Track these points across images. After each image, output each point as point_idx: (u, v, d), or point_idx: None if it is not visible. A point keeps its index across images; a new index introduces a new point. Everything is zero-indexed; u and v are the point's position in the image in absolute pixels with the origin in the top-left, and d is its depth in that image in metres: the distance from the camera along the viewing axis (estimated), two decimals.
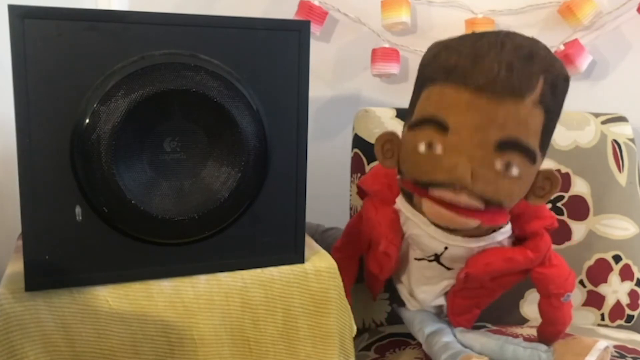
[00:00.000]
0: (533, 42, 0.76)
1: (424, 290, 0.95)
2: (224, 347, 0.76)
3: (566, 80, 0.78)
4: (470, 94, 0.73)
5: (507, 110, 0.73)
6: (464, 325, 0.97)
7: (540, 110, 0.75)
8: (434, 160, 0.77)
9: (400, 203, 0.88)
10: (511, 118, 0.73)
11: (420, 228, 0.86)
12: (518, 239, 0.89)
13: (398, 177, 0.87)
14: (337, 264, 0.83)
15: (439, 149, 0.76)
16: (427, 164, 0.78)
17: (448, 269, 0.90)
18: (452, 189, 0.75)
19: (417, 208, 0.85)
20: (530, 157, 0.76)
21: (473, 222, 0.78)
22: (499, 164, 0.75)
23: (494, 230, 0.85)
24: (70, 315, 0.69)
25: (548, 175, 0.80)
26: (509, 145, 0.74)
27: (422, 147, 0.77)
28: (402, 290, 1.00)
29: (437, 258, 0.89)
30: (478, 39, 0.76)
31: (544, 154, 0.81)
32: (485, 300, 0.96)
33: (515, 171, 0.76)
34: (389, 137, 0.84)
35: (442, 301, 0.96)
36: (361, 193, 0.95)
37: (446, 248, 0.86)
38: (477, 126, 0.74)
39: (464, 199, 0.75)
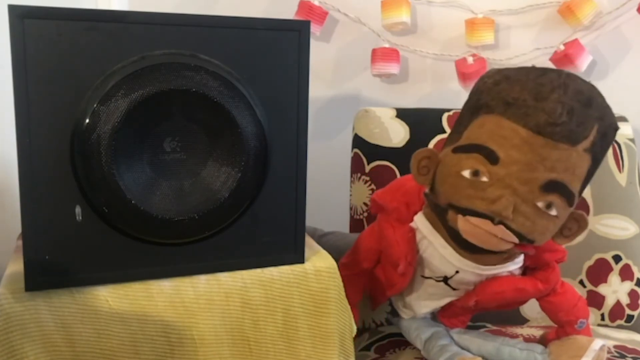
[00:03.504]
0: (592, 88, 0.77)
1: (425, 305, 0.94)
2: (224, 347, 0.76)
3: (615, 129, 0.79)
4: (528, 132, 0.73)
5: (560, 155, 0.74)
6: (458, 325, 0.97)
7: (588, 157, 0.76)
8: (478, 188, 0.76)
9: (419, 221, 0.87)
10: (562, 162, 0.74)
11: (435, 249, 0.86)
12: (526, 268, 0.90)
13: (426, 192, 0.85)
14: (345, 280, 0.82)
15: (484, 178, 0.76)
16: (469, 189, 0.77)
17: (453, 289, 0.90)
18: (490, 220, 0.75)
19: (439, 227, 0.84)
20: (571, 200, 0.77)
21: (506, 245, 0.78)
22: (540, 203, 0.75)
23: (509, 260, 0.85)
24: (70, 315, 0.69)
25: (577, 217, 0.81)
26: (555, 188, 0.75)
27: (466, 173, 0.77)
28: (396, 302, 1.00)
29: (445, 280, 0.89)
30: (540, 74, 0.76)
31: (580, 197, 0.81)
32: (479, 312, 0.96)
33: (554, 212, 0.76)
34: (427, 154, 0.83)
35: (437, 308, 0.96)
36: (375, 207, 0.94)
37: (457, 272, 0.86)
38: (528, 164, 0.74)
39: (500, 232, 0.75)
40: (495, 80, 0.78)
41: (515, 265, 0.87)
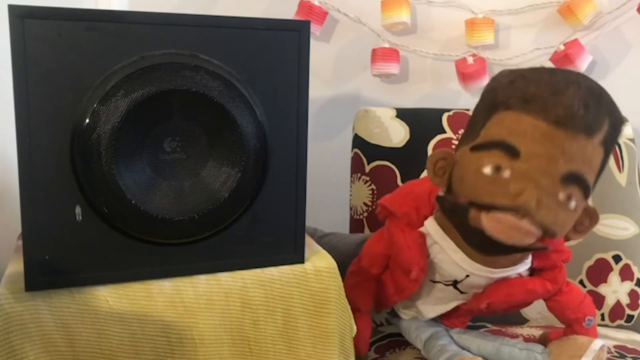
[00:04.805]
0: (600, 86, 0.79)
1: (433, 309, 0.94)
2: (224, 347, 0.76)
3: (622, 123, 0.81)
4: (548, 125, 0.74)
5: (579, 146, 0.75)
6: (458, 325, 0.97)
7: (601, 150, 0.78)
8: (500, 183, 0.76)
9: (430, 227, 0.87)
10: (580, 154, 0.75)
11: (445, 254, 0.86)
12: (533, 269, 0.90)
13: (440, 195, 0.85)
14: (355, 288, 0.81)
15: (506, 173, 0.76)
16: (491, 185, 0.77)
17: (462, 292, 0.90)
18: (515, 213, 0.75)
19: (451, 232, 0.84)
20: (587, 193, 0.78)
21: (530, 239, 0.78)
22: (562, 195, 0.76)
23: (520, 262, 0.85)
24: (70, 315, 0.69)
25: (589, 212, 0.81)
26: (574, 179, 0.76)
27: (488, 170, 0.77)
28: (397, 304, 1.00)
29: (454, 283, 0.89)
30: (553, 74, 0.78)
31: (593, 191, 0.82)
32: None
33: (573, 204, 0.77)
34: (443, 156, 0.83)
35: (444, 312, 0.96)
36: (383, 212, 0.93)
37: (467, 276, 0.86)
38: (549, 156, 0.74)
39: (525, 225, 0.75)
40: (510, 79, 0.79)
41: (524, 266, 0.87)
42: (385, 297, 0.96)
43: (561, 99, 0.74)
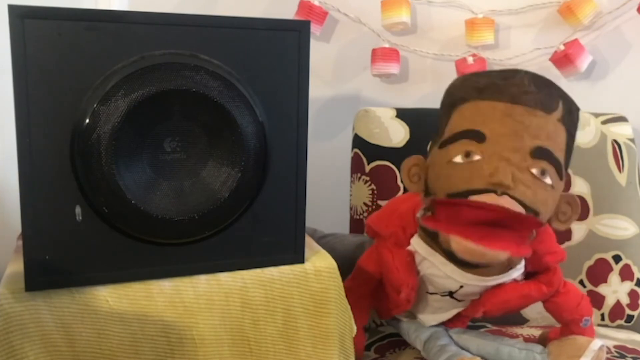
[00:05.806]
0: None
1: (434, 318, 0.94)
2: (224, 347, 0.76)
3: (578, 110, 0.83)
4: (505, 104, 0.78)
5: (539, 122, 0.78)
6: (457, 325, 0.97)
7: (563, 128, 0.80)
8: (473, 167, 0.77)
9: (417, 244, 0.87)
10: (542, 129, 0.78)
11: (436, 268, 0.86)
12: (528, 273, 0.90)
13: (418, 216, 0.85)
14: (350, 305, 0.82)
15: (477, 157, 0.77)
16: (465, 171, 0.78)
17: (459, 301, 0.90)
18: (493, 193, 0.76)
19: (436, 247, 0.84)
20: (559, 170, 0.79)
21: (503, 255, 0.77)
22: (535, 170, 0.77)
23: (511, 268, 0.85)
24: (70, 315, 0.69)
25: (569, 200, 0.83)
26: (543, 154, 0.77)
27: (458, 158, 0.79)
28: None
29: (450, 294, 0.89)
30: (501, 70, 0.82)
31: (565, 176, 0.83)
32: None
33: (549, 180, 0.78)
34: (415, 161, 0.85)
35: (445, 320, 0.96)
36: (371, 232, 0.93)
37: (461, 286, 0.86)
38: (513, 133, 0.77)
39: (507, 202, 0.75)
40: (463, 78, 0.84)
41: (518, 272, 0.87)
42: (383, 310, 0.97)
43: (512, 81, 0.79)
